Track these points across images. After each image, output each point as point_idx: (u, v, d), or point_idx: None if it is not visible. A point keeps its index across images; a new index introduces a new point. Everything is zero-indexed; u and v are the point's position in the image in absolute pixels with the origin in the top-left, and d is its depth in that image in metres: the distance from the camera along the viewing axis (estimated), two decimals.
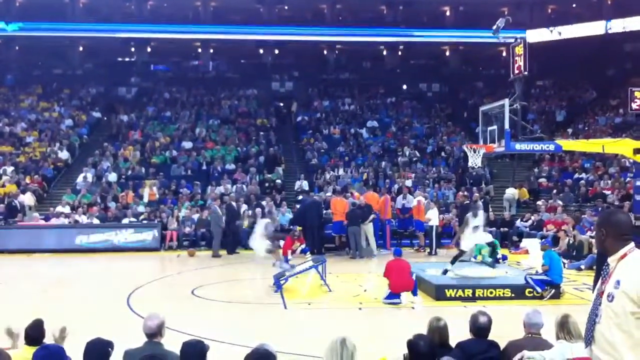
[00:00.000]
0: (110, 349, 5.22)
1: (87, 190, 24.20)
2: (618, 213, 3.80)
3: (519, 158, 28.29)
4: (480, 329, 5.86)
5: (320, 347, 4.77)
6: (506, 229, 21.59)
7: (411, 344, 5.53)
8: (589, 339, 3.59)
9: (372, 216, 19.32)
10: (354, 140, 30.82)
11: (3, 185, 24.10)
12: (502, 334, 6.03)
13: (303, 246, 17.32)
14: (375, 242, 19.57)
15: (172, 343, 5.46)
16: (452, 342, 5.95)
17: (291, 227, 19.56)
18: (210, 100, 36.08)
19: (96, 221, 21.60)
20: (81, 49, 39.75)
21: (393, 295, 11.68)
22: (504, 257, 17.18)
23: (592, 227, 17.49)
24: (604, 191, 23.73)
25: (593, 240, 16.14)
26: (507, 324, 7.12)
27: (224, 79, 39.29)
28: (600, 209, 20.65)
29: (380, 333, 9.77)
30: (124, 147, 28.86)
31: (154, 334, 5.47)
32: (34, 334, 5.68)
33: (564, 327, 5.49)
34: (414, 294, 11.86)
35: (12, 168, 25.71)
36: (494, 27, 19.50)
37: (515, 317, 6.57)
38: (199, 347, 5.13)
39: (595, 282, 10.20)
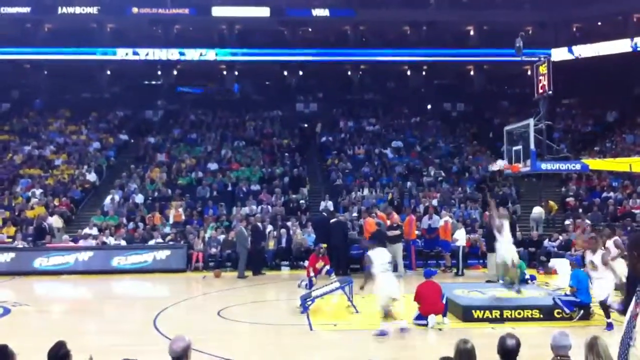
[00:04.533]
0: None
1: (115, 212, 24.44)
2: None
3: (545, 177, 28.05)
4: (507, 351, 5.78)
5: None
6: (534, 249, 21.32)
7: None
8: None
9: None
10: (379, 161, 30.79)
11: (32, 208, 24.42)
12: (530, 356, 5.96)
13: (327, 267, 17.18)
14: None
15: None
16: None
17: (315, 248, 19.49)
18: (236, 122, 36.38)
19: (123, 243, 21.76)
20: (108, 72, 40.43)
21: (422, 317, 11.58)
22: (532, 277, 16.95)
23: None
24: (632, 210, 23.39)
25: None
26: (535, 345, 7.03)
27: (249, 100, 39.61)
28: (629, 228, 20.36)
29: (407, 355, 9.69)
30: (151, 169, 29.15)
31: (180, 357, 5.46)
32: (57, 355, 5.68)
33: (593, 349, 5.38)
34: (444, 315, 11.73)
35: (40, 190, 26.06)
36: (515, 47, 19.53)
37: (544, 339, 6.47)
38: None
39: (626, 303, 10.03)
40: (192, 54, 38.27)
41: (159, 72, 41.10)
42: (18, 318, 13.19)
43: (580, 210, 24.78)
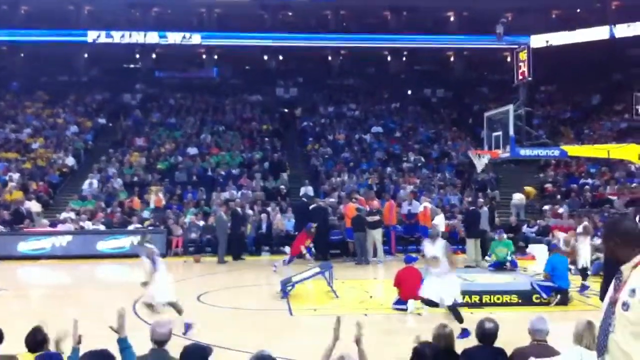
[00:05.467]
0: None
1: (93, 196, 24.24)
2: (624, 220, 3.72)
3: (524, 163, 28.24)
4: (486, 335, 5.84)
5: None
6: (512, 235, 21.41)
7: (417, 351, 5.52)
8: (602, 349, 3.52)
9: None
10: (359, 146, 30.80)
11: (9, 192, 24.11)
12: (509, 341, 6.01)
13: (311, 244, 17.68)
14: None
15: (177, 350, 5.44)
16: (458, 349, 5.93)
17: (296, 233, 19.59)
18: (215, 106, 36.15)
19: (102, 227, 21.61)
20: (86, 55, 39.91)
21: (401, 302, 11.65)
22: (514, 263, 16.99)
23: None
24: (609, 196, 23.64)
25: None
26: (514, 330, 7.09)
27: (228, 85, 39.36)
28: (606, 214, 20.60)
29: (386, 340, 9.73)
30: (129, 153, 28.91)
31: (165, 341, 5.43)
32: (34, 340, 5.65)
33: (591, 333, 5.16)
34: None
35: (17, 174, 25.74)
36: (496, 33, 19.59)
37: (522, 324, 6.54)
38: (200, 351, 5.11)
39: (603, 289, 10.15)
40: (174, 37, 37.78)
41: (137, 56, 40.62)
42: None
43: (559, 196, 25.02)
